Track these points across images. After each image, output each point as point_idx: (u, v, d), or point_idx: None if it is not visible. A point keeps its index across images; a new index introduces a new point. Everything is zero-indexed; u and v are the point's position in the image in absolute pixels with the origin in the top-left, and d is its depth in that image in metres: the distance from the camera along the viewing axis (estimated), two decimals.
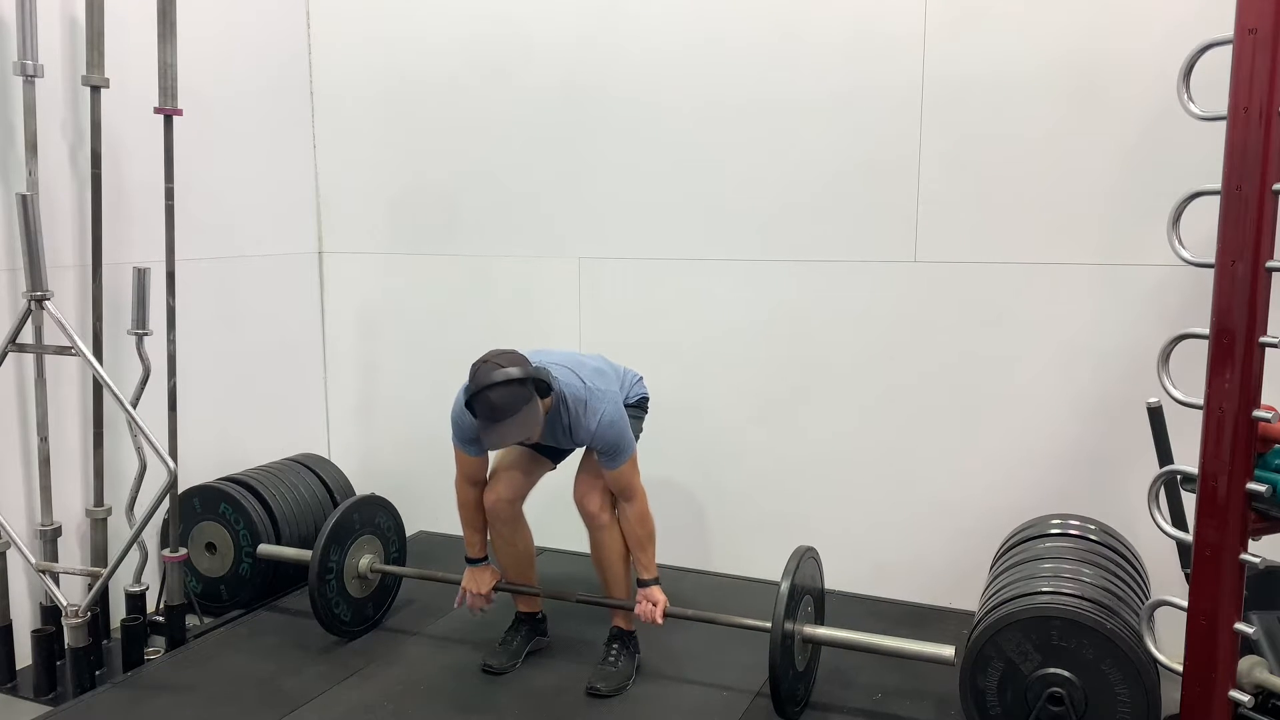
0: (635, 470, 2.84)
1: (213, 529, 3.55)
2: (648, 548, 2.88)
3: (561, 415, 2.75)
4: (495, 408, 2.52)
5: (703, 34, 3.54)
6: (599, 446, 2.77)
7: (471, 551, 3.03)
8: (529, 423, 2.57)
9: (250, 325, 3.92)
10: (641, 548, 2.88)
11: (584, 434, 2.75)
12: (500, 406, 2.52)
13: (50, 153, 3.11)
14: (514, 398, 2.52)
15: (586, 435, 2.75)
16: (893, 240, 3.38)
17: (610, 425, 2.73)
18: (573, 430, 2.76)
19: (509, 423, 2.54)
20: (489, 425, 2.55)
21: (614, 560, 2.95)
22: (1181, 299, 2.99)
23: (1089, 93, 3.08)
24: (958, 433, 3.39)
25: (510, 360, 2.58)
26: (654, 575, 2.89)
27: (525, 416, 2.55)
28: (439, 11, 3.94)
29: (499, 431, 2.56)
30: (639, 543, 2.88)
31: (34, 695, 2.99)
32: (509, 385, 2.52)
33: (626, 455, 2.79)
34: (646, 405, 3.11)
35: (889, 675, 2.96)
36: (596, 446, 2.78)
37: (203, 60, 3.59)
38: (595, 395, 2.74)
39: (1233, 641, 2.03)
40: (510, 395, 2.52)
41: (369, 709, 2.82)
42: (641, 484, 2.86)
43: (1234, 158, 1.91)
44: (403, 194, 4.13)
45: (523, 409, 2.54)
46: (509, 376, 2.52)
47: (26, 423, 3.12)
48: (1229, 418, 1.95)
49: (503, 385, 2.52)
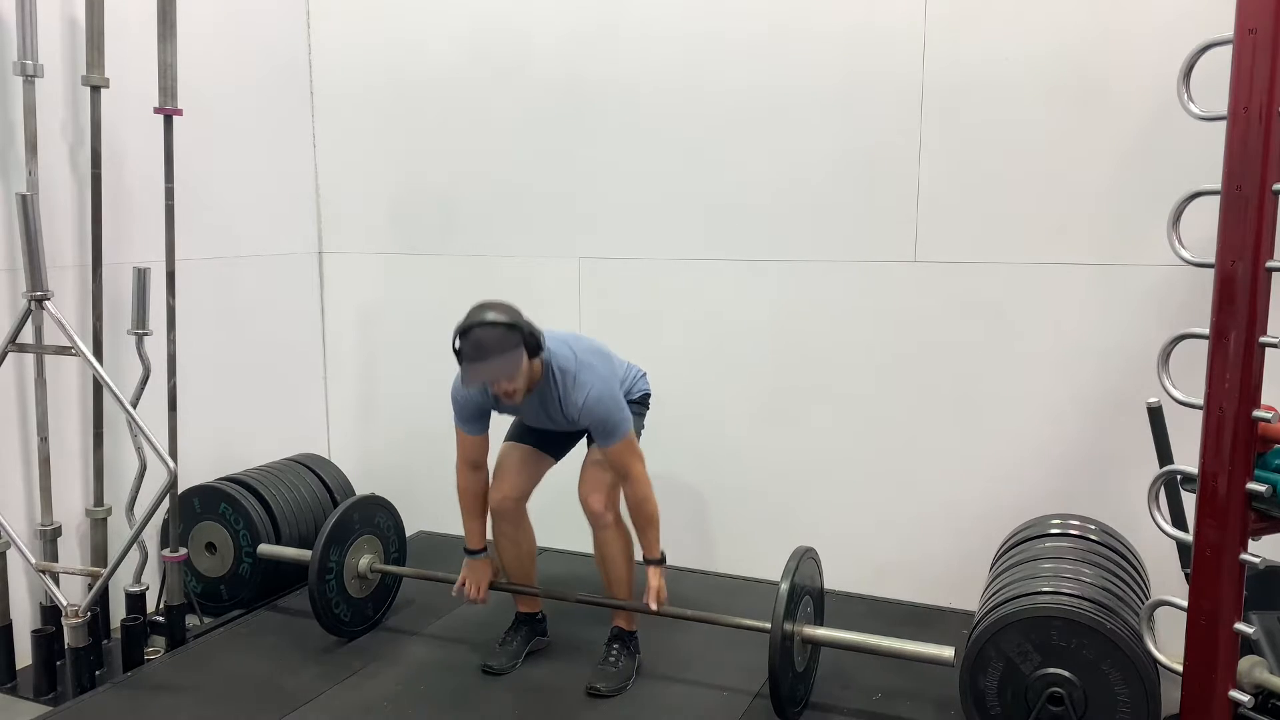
0: (633, 452, 2.81)
1: (213, 529, 3.55)
2: (648, 531, 2.85)
3: (553, 388, 2.74)
4: (481, 345, 2.54)
5: (702, 34, 3.54)
6: (589, 423, 2.76)
7: (471, 542, 3.02)
8: (511, 367, 2.57)
9: (250, 325, 3.93)
10: (641, 530, 2.86)
11: (574, 409, 2.74)
12: (486, 344, 2.54)
13: (50, 153, 3.11)
14: (501, 339, 2.54)
15: (575, 411, 2.74)
16: (893, 240, 3.38)
17: (598, 401, 2.72)
18: (563, 404, 2.75)
19: (492, 361, 2.55)
20: (472, 363, 2.56)
21: (616, 560, 2.95)
22: (1181, 299, 2.99)
23: (1089, 92, 3.08)
24: (957, 432, 3.39)
25: (506, 308, 2.61)
26: (656, 556, 2.86)
27: (509, 360, 2.56)
28: (439, 11, 3.94)
29: (481, 369, 2.56)
30: (638, 526, 2.86)
31: (34, 695, 2.99)
32: (498, 327, 2.55)
33: (620, 434, 2.76)
34: (648, 402, 3.11)
35: (889, 675, 2.96)
36: (587, 423, 2.77)
37: (203, 60, 3.59)
38: (585, 369, 2.74)
39: (1233, 641, 2.03)
40: (498, 336, 2.54)
41: (369, 709, 2.82)
42: (642, 467, 2.83)
43: (1234, 158, 1.90)
44: (403, 194, 4.13)
45: (508, 352, 2.55)
46: (500, 319, 2.56)
47: (26, 423, 3.12)
48: (1229, 418, 1.95)
49: (492, 325, 2.55)
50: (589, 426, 2.80)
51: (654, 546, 2.87)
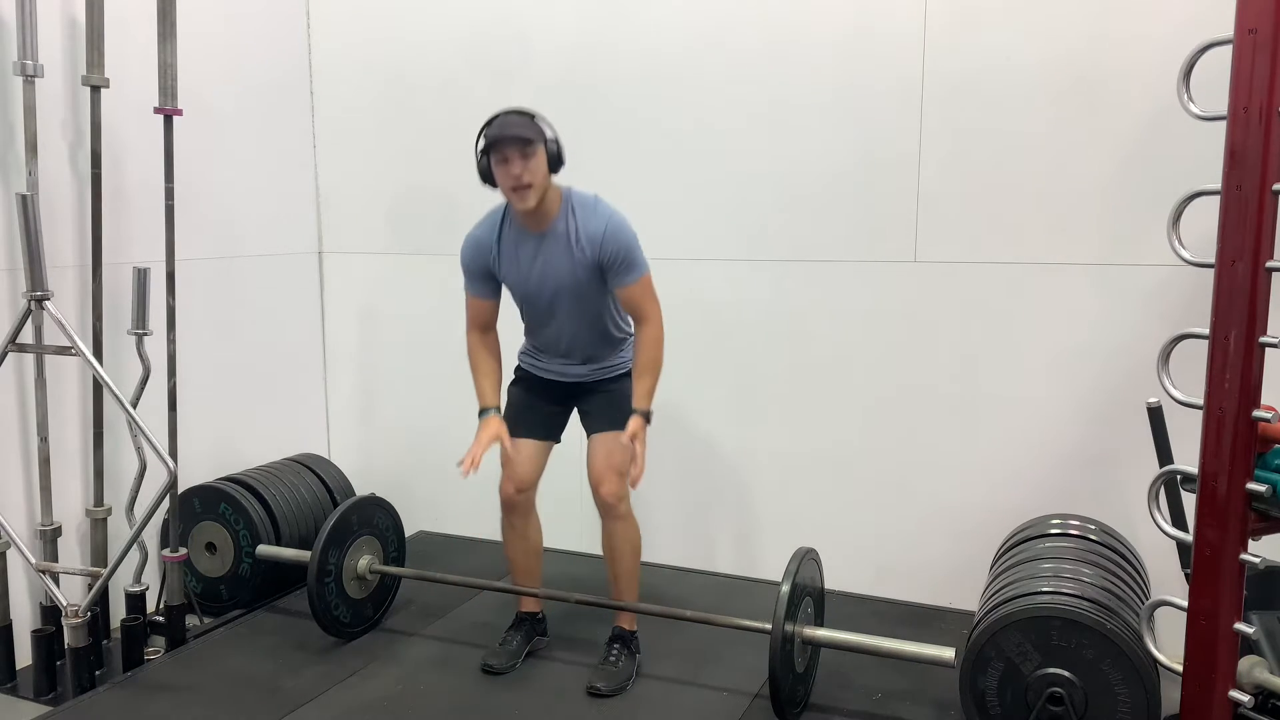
0: (651, 293, 2.78)
1: (213, 529, 3.55)
2: (647, 377, 2.76)
3: (571, 219, 2.73)
4: (507, 123, 2.61)
5: (702, 33, 3.54)
6: (609, 255, 2.71)
7: (484, 400, 2.89)
8: (532, 150, 2.61)
9: (250, 325, 3.93)
10: (642, 372, 2.77)
11: (593, 241, 2.71)
12: (516, 124, 2.61)
13: (50, 153, 3.11)
14: (529, 129, 2.62)
15: (596, 241, 2.71)
16: (893, 240, 3.38)
17: (619, 229, 2.72)
18: (581, 234, 2.72)
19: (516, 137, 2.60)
20: (495, 141, 2.61)
21: (625, 554, 2.95)
22: (1181, 299, 2.99)
23: (1089, 92, 3.08)
24: (958, 432, 3.39)
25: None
26: (646, 409, 2.75)
27: (532, 146, 2.61)
28: (439, 11, 3.94)
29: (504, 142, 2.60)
30: (643, 367, 2.77)
31: (34, 695, 2.99)
32: (526, 115, 2.66)
33: (641, 269, 2.76)
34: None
35: (889, 676, 2.96)
36: (607, 256, 2.72)
37: (203, 60, 3.59)
38: (603, 202, 2.77)
39: (1233, 641, 2.03)
40: (527, 125, 2.63)
41: (368, 709, 2.82)
42: (658, 310, 2.78)
43: (1234, 158, 1.90)
44: (403, 194, 4.13)
45: (533, 142, 2.61)
46: (530, 113, 2.67)
47: (26, 423, 3.12)
48: (1229, 418, 1.95)
49: (521, 113, 2.66)
50: (608, 260, 2.73)
51: (647, 398, 2.76)
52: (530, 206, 2.66)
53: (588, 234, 2.72)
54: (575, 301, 2.82)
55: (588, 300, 2.82)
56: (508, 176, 2.63)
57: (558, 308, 2.84)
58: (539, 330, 2.95)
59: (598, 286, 2.79)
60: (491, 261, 2.83)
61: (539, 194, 2.66)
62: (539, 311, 2.89)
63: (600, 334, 2.90)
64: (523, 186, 2.62)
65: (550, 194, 2.72)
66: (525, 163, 2.61)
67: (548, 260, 2.77)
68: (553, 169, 2.69)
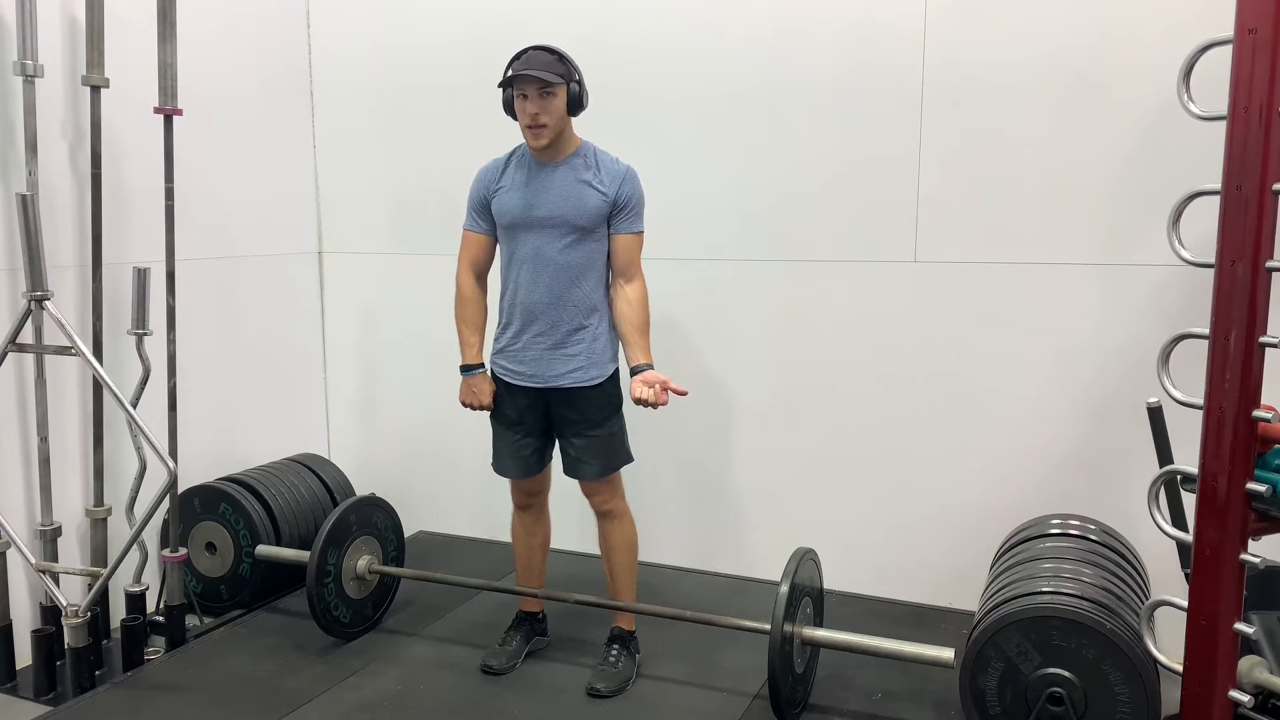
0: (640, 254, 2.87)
1: (213, 529, 3.55)
2: (642, 337, 2.83)
3: (592, 156, 2.82)
4: (535, 60, 2.68)
5: (702, 33, 3.54)
6: (625, 195, 2.79)
7: (466, 356, 2.95)
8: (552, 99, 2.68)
9: (250, 325, 3.92)
10: (637, 332, 2.83)
11: (615, 175, 2.79)
12: (540, 63, 2.68)
13: (50, 153, 3.11)
14: (552, 70, 2.67)
15: (618, 175, 2.80)
16: (893, 240, 3.38)
17: (636, 179, 2.83)
18: (603, 169, 2.80)
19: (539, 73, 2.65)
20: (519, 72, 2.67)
21: (622, 552, 2.97)
22: (1181, 299, 2.99)
23: (1089, 92, 3.08)
24: (957, 432, 3.39)
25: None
26: (649, 361, 2.81)
27: (553, 90, 2.68)
28: (439, 11, 3.94)
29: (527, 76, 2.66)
30: (643, 325, 2.84)
31: (34, 695, 2.99)
32: (558, 60, 2.71)
33: (642, 225, 2.86)
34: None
35: (888, 676, 2.96)
36: (624, 195, 2.79)
37: (203, 60, 3.59)
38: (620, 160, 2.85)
39: (1233, 641, 2.03)
40: (552, 65, 2.69)
41: (368, 709, 2.82)
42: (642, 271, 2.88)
43: (1234, 158, 1.90)
44: (403, 194, 4.13)
45: (556, 80, 2.67)
46: (560, 51, 2.73)
47: (26, 423, 3.12)
48: (1229, 418, 1.95)
49: (549, 51, 2.72)
50: (621, 202, 2.79)
51: (648, 353, 2.83)
52: (543, 145, 2.75)
53: (609, 171, 2.81)
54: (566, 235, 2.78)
55: (578, 242, 2.79)
56: (524, 113, 2.72)
57: (545, 245, 2.79)
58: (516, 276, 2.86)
59: (594, 226, 2.80)
60: (489, 189, 2.89)
61: (553, 134, 2.73)
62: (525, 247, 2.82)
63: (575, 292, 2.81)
64: (538, 125, 2.71)
65: (568, 133, 2.80)
66: (543, 102, 2.69)
67: (555, 188, 2.80)
68: (573, 111, 2.76)
